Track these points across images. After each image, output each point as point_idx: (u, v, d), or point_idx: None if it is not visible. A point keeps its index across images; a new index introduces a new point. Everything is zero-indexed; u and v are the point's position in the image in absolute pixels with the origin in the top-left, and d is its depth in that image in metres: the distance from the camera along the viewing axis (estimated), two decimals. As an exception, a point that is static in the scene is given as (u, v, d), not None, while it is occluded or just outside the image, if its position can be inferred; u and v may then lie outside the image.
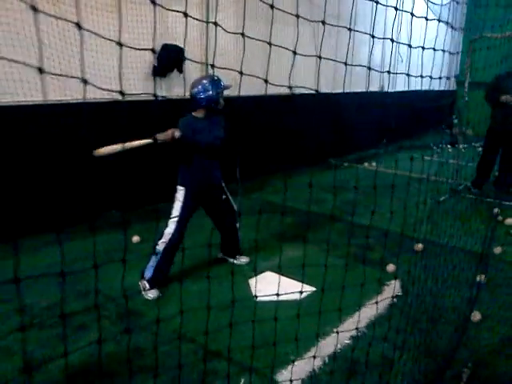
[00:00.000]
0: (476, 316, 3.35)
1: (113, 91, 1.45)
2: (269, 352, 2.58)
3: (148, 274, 3.65)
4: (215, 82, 3.66)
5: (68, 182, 4.84)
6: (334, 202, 5.69)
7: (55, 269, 3.89)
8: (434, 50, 2.61)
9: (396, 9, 2.38)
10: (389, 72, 2.79)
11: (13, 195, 4.43)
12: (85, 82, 1.29)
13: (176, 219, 3.67)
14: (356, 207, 5.34)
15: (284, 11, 1.95)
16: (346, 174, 7.75)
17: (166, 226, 3.69)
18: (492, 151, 6.81)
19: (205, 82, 3.67)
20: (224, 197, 3.99)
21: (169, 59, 5.64)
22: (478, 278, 3.85)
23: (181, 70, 5.86)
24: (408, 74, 2.59)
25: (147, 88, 5.64)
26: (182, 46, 5.67)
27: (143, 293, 3.62)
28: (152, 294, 3.61)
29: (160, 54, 5.58)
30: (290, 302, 3.21)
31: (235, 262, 4.23)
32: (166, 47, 5.58)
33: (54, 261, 3.99)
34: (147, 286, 3.64)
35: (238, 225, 4.14)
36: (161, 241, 3.65)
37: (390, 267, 4.10)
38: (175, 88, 5.93)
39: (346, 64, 2.24)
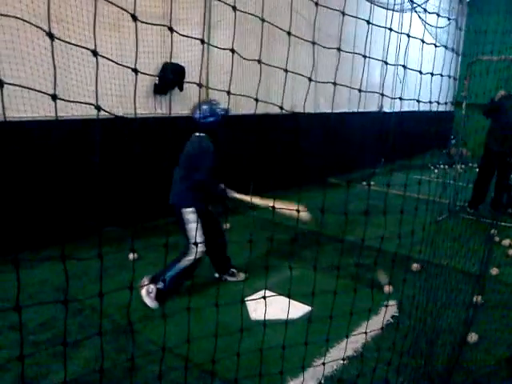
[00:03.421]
0: (473, 337, 3.33)
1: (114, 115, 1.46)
2: (265, 372, 2.56)
3: (161, 285, 3.71)
4: (220, 107, 3.87)
5: (66, 198, 4.84)
6: (346, 222, 5.70)
7: (50, 285, 3.90)
8: (435, 74, 2.65)
9: (408, 36, 2.40)
10: (399, 98, 2.80)
11: (10, 210, 4.43)
12: (98, 108, 1.31)
13: (201, 240, 3.77)
14: (354, 227, 5.33)
15: (298, 37, 1.97)
16: (345, 193, 7.76)
17: (196, 245, 3.73)
18: (487, 172, 6.88)
19: (212, 106, 3.84)
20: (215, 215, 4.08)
21: (170, 77, 5.71)
22: (474, 299, 3.85)
23: (181, 88, 5.92)
24: (416, 100, 2.62)
25: (148, 105, 5.70)
26: (183, 64, 5.74)
27: (144, 295, 3.63)
28: (152, 305, 3.64)
29: (161, 72, 5.65)
30: (287, 321, 3.19)
31: (233, 279, 4.26)
32: (167, 66, 5.65)
33: (50, 277, 3.98)
34: (154, 292, 3.66)
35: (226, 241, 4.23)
36: (188, 257, 3.72)
37: (387, 288, 4.09)
38: (176, 106, 5.99)
39: (359, 91, 2.27)
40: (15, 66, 4.29)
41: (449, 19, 3.28)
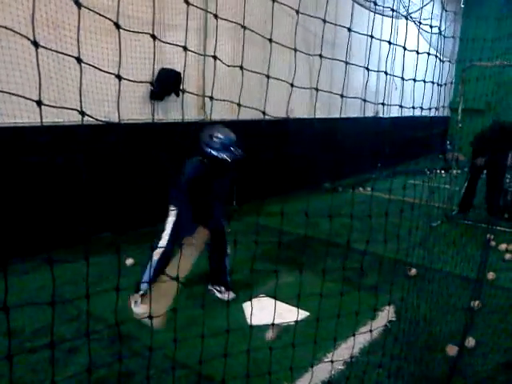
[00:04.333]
0: (470, 342, 3.33)
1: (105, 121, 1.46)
2: (262, 377, 2.55)
3: (144, 286, 3.67)
4: (231, 148, 3.77)
5: (60, 204, 4.82)
6: (331, 226, 5.71)
7: (46, 291, 3.88)
8: (427, 82, 2.66)
9: (390, 43, 2.44)
10: (382, 104, 2.83)
11: (2, 217, 4.41)
12: (82, 113, 1.31)
13: (169, 233, 3.72)
14: (350, 232, 5.33)
15: (283, 45, 1.98)
16: (341, 199, 7.77)
17: (160, 238, 3.72)
18: (473, 176, 6.99)
19: (224, 139, 3.77)
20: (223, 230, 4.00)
21: (166, 83, 5.71)
22: (472, 304, 3.85)
23: (178, 94, 5.93)
24: (402, 106, 2.65)
25: (144, 111, 5.69)
26: (179, 70, 5.75)
27: (132, 306, 3.59)
28: (140, 311, 3.61)
29: (157, 78, 5.65)
30: (283, 327, 3.18)
31: (219, 295, 4.08)
32: (163, 71, 5.66)
33: (45, 283, 3.96)
34: (139, 299, 3.63)
35: (227, 261, 4.06)
36: (156, 251, 3.68)
37: (451, 349, 3.26)
38: (172, 112, 5.99)
39: (342, 96, 2.28)
40: (11, 71, 4.29)
41: (431, 27, 3.26)
